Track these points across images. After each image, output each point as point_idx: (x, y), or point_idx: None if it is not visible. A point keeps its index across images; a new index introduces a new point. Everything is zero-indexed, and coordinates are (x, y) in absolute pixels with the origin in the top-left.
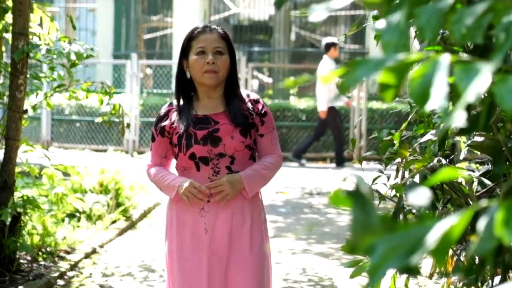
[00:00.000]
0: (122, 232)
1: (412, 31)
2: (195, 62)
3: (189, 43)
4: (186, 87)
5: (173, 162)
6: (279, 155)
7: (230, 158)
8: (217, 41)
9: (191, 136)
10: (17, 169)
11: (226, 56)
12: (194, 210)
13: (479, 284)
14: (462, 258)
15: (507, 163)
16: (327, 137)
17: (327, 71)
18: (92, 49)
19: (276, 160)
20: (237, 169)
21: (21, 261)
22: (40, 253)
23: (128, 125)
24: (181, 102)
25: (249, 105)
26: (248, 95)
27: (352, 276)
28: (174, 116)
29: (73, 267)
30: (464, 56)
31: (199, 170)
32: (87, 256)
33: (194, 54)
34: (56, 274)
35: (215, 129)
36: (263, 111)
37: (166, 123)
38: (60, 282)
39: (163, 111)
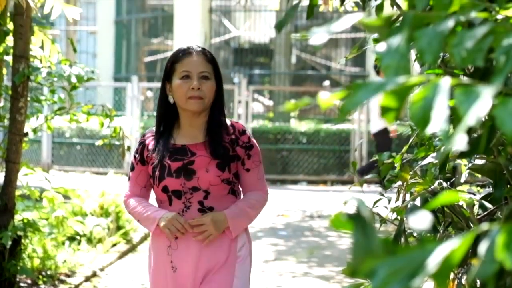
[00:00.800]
0: (122, 255)
1: (413, 54)
2: (179, 86)
3: (173, 66)
4: (168, 112)
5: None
6: (266, 191)
7: (204, 193)
8: (203, 65)
9: (165, 167)
10: (18, 192)
11: (212, 82)
12: (162, 247)
13: None
14: (463, 282)
15: (508, 186)
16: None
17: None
18: (92, 72)
19: (263, 197)
20: (210, 205)
21: (22, 284)
22: (40, 276)
23: (129, 148)
24: (161, 129)
25: (233, 136)
26: (233, 125)
27: None
28: (151, 144)
29: None
30: (465, 79)
31: (171, 204)
32: (88, 279)
33: (178, 78)
34: None
35: (190, 161)
36: (249, 144)
37: (144, 151)
38: None
39: (143, 138)
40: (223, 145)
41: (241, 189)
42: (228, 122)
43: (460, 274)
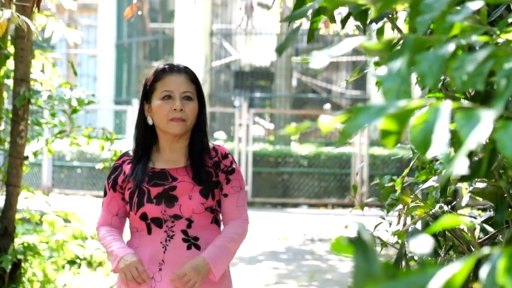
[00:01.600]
0: None
1: (414, 77)
2: (160, 107)
3: (153, 85)
4: (146, 135)
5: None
6: (245, 219)
7: (187, 221)
8: (185, 84)
9: (143, 193)
10: (18, 216)
11: (195, 103)
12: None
13: None
14: None
15: (509, 209)
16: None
17: None
18: (93, 95)
19: (243, 228)
20: (195, 234)
21: None
22: None
23: None
24: (139, 152)
25: (216, 159)
26: (215, 149)
27: None
28: (128, 168)
29: None
30: (466, 102)
31: (150, 233)
32: None
33: (158, 98)
34: None
35: (172, 186)
36: (230, 168)
37: (119, 176)
38: None
39: (118, 162)
40: (206, 170)
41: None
42: (210, 145)
43: None
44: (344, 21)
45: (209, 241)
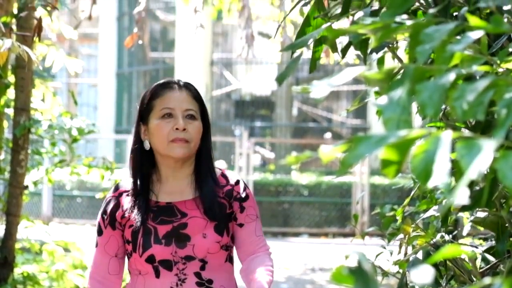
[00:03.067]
0: None
1: (414, 106)
2: (159, 127)
3: (151, 103)
4: (144, 162)
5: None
6: (269, 250)
7: (201, 262)
8: (188, 101)
9: (150, 232)
10: (18, 245)
11: (199, 122)
12: None
13: None
14: None
15: (511, 239)
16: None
17: None
18: (93, 125)
19: (271, 260)
20: (209, 277)
21: None
22: None
23: None
24: (137, 182)
25: (229, 187)
26: (225, 175)
27: None
28: (126, 202)
29: None
30: (466, 132)
31: (158, 276)
32: None
33: (157, 117)
34: None
35: (182, 223)
36: (244, 195)
37: (116, 211)
38: None
39: (111, 194)
40: (218, 201)
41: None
42: (217, 171)
43: None
44: (344, 51)
45: (224, 283)
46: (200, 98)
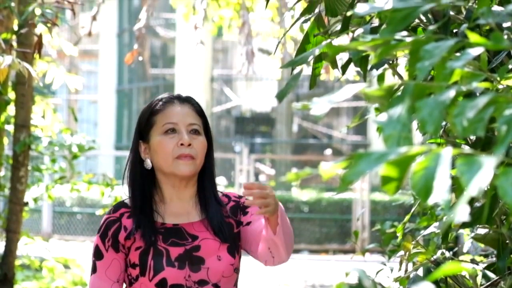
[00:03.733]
0: None
1: (414, 123)
2: (162, 144)
3: (151, 119)
4: (144, 182)
5: None
6: None
7: (213, 287)
8: (191, 116)
9: (161, 254)
10: (18, 262)
11: (204, 138)
12: None
13: None
14: None
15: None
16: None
17: None
18: (93, 141)
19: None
20: None
21: None
22: None
23: None
24: (138, 203)
25: (233, 203)
26: (227, 195)
27: None
28: (129, 223)
29: None
30: (466, 148)
31: None
32: None
33: (159, 133)
34: None
35: (195, 246)
36: (245, 205)
37: (119, 232)
38: None
39: (114, 215)
40: (226, 222)
41: (247, 250)
42: (219, 193)
43: None
44: (344, 67)
45: None
46: (203, 112)
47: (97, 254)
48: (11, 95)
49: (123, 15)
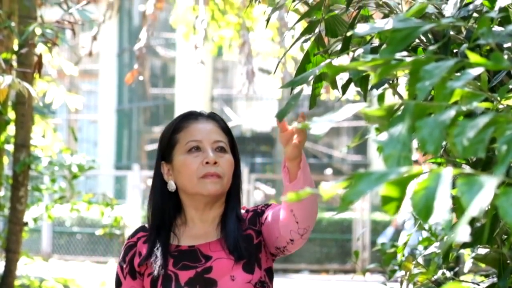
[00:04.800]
0: None
1: (414, 143)
2: (186, 163)
3: (173, 137)
4: (167, 205)
5: None
6: None
7: None
8: (216, 132)
9: (170, 279)
10: (17, 282)
11: (230, 156)
12: None
13: None
14: None
15: None
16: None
17: None
18: (93, 161)
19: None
20: None
21: None
22: None
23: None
24: (156, 227)
25: (251, 213)
26: (246, 210)
27: None
28: (145, 248)
29: None
30: (467, 168)
31: None
32: None
33: (183, 152)
34: None
35: (206, 268)
36: (263, 209)
37: (134, 258)
38: None
39: (132, 239)
40: (242, 236)
41: (273, 241)
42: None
43: None
44: (345, 87)
45: None
46: (229, 129)
47: (117, 282)
48: (11, 115)
49: (123, 35)
